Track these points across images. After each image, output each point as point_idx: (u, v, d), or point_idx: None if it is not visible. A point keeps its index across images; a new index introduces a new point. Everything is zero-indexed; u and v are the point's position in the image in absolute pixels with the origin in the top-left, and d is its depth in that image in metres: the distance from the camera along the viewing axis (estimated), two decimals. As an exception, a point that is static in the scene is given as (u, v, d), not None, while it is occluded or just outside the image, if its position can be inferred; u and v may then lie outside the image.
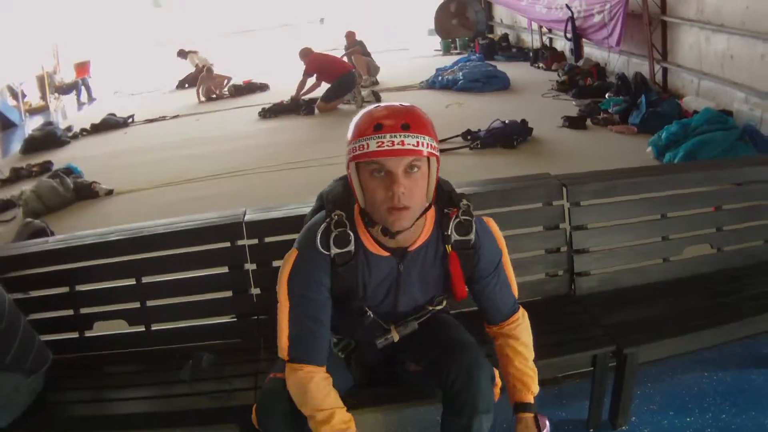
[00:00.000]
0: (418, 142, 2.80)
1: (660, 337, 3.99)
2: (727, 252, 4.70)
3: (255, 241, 4.18)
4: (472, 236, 3.15)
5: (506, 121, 11.24)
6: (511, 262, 3.54)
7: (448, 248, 3.14)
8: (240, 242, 4.23)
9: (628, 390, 4.06)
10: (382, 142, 2.77)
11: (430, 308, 3.28)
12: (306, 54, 16.30)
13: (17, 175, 12.61)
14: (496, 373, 3.24)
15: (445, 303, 3.32)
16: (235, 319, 4.40)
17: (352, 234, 3.08)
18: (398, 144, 2.78)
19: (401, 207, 2.88)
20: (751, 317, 4.15)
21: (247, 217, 4.26)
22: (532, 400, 3.23)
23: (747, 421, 4.14)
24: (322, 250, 3.08)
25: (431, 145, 2.85)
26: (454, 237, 3.13)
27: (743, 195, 4.77)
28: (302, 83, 16.09)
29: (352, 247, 3.08)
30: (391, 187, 2.84)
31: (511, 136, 10.92)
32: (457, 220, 3.14)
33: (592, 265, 4.47)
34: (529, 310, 4.13)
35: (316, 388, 3.07)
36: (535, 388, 3.26)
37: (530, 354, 3.32)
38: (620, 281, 4.52)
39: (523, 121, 11.25)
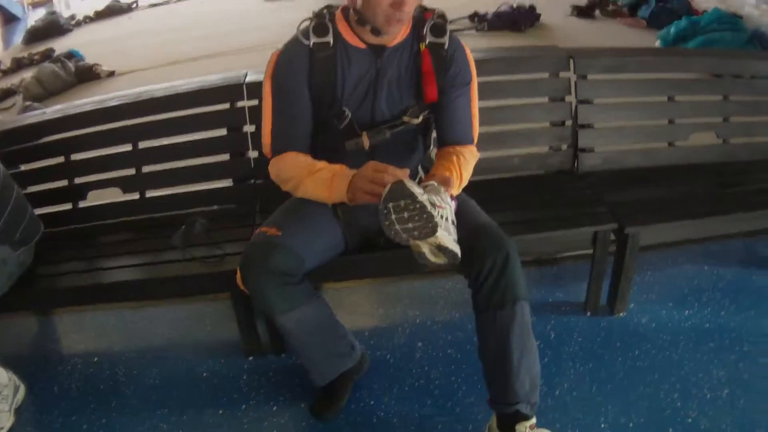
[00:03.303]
0: None
1: (663, 220, 3.92)
2: (734, 144, 4.59)
3: (255, 102, 4.08)
4: (446, 39, 3.20)
5: (514, 5, 11.19)
6: (515, 133, 3.47)
7: (422, 46, 3.19)
8: (240, 104, 4.17)
9: (628, 273, 4.02)
10: None
11: (405, 119, 3.25)
12: None
13: (18, 65, 12.27)
14: None
15: (420, 118, 3.29)
16: (231, 184, 4.33)
17: (330, 26, 3.15)
18: None
19: (401, 20, 3.01)
20: (756, 210, 4.06)
21: (249, 78, 4.18)
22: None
23: (746, 321, 4.09)
24: (303, 39, 3.15)
25: None
26: (429, 38, 3.19)
27: (751, 88, 4.65)
28: None
29: (330, 38, 3.14)
30: (399, 7, 2.94)
31: (518, 20, 10.90)
32: (432, 21, 3.20)
33: (596, 141, 4.39)
34: (532, 184, 4.16)
35: (305, 159, 3.17)
36: (454, 185, 3.11)
37: (464, 172, 3.22)
38: (625, 161, 4.44)
39: (531, 7, 11.19)
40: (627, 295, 4.14)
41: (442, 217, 2.75)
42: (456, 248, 2.81)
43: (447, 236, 2.77)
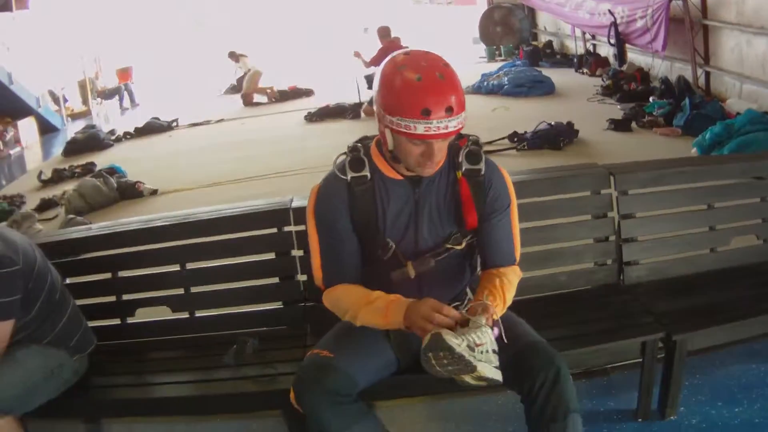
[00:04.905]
0: (458, 123, 2.94)
1: (709, 325, 3.95)
2: (771, 243, 4.64)
3: (302, 227, 4.10)
4: (482, 165, 3.26)
5: (552, 123, 11.22)
6: (561, 251, 3.52)
7: (459, 174, 3.24)
8: (287, 228, 4.23)
9: (677, 379, 4.01)
10: (429, 128, 2.88)
11: (448, 246, 3.28)
12: (384, 34, 15.60)
13: (59, 176, 12.58)
14: None
15: (464, 244, 3.32)
16: (281, 306, 4.37)
17: (366, 159, 3.24)
18: (443, 128, 2.90)
19: (433, 165, 3.10)
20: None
21: (295, 204, 4.24)
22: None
23: (795, 412, 4.09)
24: (340, 174, 3.24)
25: (464, 115, 2.96)
26: (465, 165, 3.25)
27: (788, 187, 4.71)
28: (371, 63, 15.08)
29: (367, 172, 3.23)
30: (428, 156, 3.03)
31: (557, 137, 10.93)
32: (467, 149, 3.27)
33: (640, 254, 4.43)
34: (579, 299, 4.16)
35: (357, 290, 3.24)
36: (497, 310, 3.14)
37: (507, 294, 3.28)
38: (668, 271, 4.48)
39: (569, 123, 11.25)
40: (677, 399, 4.13)
41: (482, 352, 2.85)
42: (497, 375, 2.90)
43: (487, 367, 2.86)
